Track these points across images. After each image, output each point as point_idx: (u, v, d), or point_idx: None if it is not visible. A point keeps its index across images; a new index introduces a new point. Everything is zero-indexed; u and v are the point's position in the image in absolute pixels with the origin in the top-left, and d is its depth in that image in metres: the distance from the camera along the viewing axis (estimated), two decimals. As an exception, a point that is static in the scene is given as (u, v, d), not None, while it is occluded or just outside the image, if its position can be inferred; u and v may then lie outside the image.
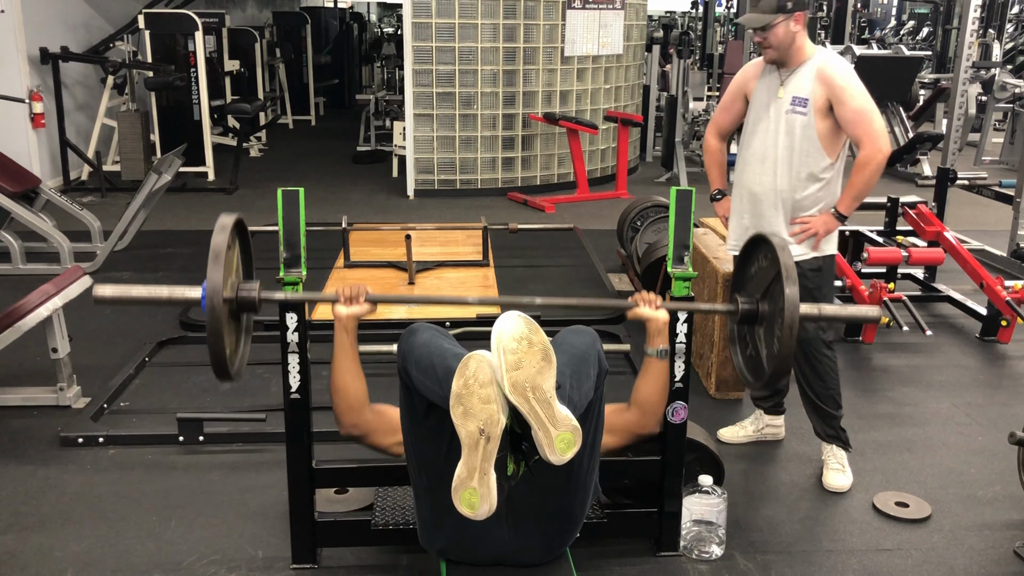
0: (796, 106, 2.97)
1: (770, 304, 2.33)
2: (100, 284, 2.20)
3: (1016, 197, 5.78)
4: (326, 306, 4.54)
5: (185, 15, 8.29)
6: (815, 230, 3.03)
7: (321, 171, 8.95)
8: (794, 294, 2.18)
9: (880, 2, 21.74)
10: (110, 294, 2.22)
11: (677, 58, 9.04)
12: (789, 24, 2.92)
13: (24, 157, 7.09)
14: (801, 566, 2.64)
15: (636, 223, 5.31)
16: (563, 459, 1.94)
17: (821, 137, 2.97)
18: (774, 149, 3.03)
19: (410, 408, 2.17)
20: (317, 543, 2.56)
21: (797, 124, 2.98)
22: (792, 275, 2.20)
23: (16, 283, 4.91)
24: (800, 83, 2.97)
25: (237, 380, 2.28)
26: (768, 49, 2.98)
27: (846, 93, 2.91)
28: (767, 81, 3.07)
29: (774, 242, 2.30)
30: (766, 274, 2.36)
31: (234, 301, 2.20)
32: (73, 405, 3.59)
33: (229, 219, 2.19)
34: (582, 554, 2.52)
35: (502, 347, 1.93)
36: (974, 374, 4.17)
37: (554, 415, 1.92)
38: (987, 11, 11.87)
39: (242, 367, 2.32)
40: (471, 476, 1.92)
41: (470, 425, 1.91)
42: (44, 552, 2.64)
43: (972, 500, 3.03)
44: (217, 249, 2.08)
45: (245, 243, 2.35)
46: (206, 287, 2.06)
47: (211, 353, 2.09)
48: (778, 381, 2.29)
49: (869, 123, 2.91)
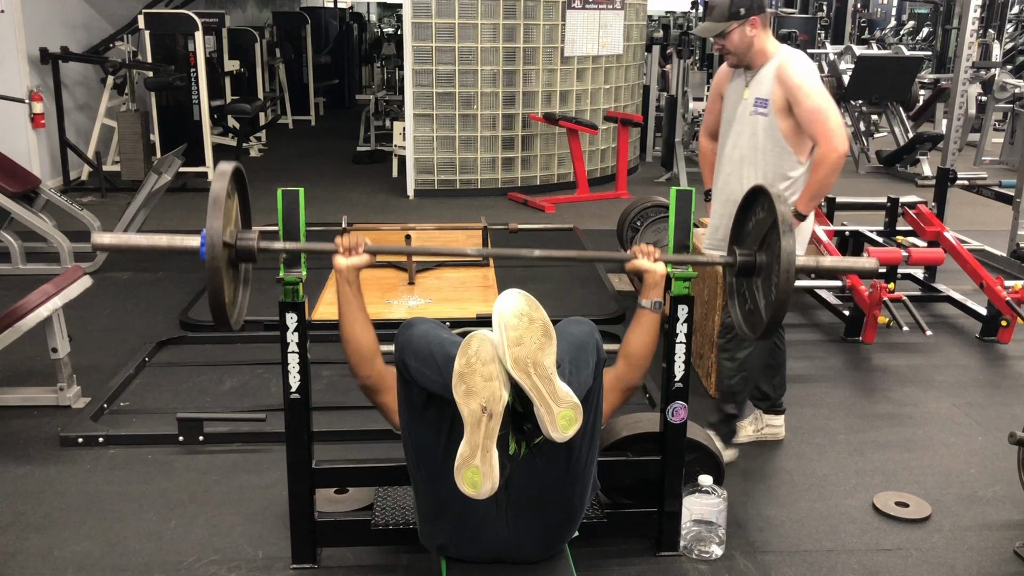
0: (758, 107, 3.04)
1: (767, 254, 2.32)
2: (99, 233, 2.20)
3: (1016, 197, 5.79)
4: (326, 306, 4.57)
5: (185, 15, 8.29)
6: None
7: (321, 171, 8.95)
8: (790, 242, 2.17)
9: (880, 2, 21.74)
10: (109, 241, 2.21)
11: (677, 58, 9.03)
12: (745, 29, 2.99)
13: (24, 157, 7.10)
14: (801, 566, 2.65)
15: (636, 223, 5.31)
16: (565, 436, 1.95)
17: (786, 136, 3.02)
18: (741, 150, 3.11)
19: (408, 400, 2.18)
20: (317, 543, 2.56)
21: (760, 125, 3.05)
22: (788, 224, 2.20)
23: (16, 283, 4.91)
24: (761, 84, 3.04)
25: (236, 328, 2.28)
26: (728, 55, 3.05)
27: (801, 92, 2.95)
28: (736, 83, 3.15)
29: (771, 192, 2.30)
30: (762, 225, 2.36)
31: (233, 249, 2.20)
32: (73, 405, 3.59)
33: (228, 167, 2.19)
34: (582, 554, 2.52)
35: (503, 323, 1.95)
36: (974, 374, 4.17)
37: (555, 391, 1.94)
38: (987, 11, 11.87)
39: (241, 317, 2.32)
40: (473, 454, 1.93)
41: (472, 403, 1.93)
42: (44, 552, 2.64)
43: (972, 500, 3.03)
44: (216, 196, 2.06)
45: (243, 192, 2.35)
46: (205, 235, 2.05)
47: (211, 302, 2.09)
48: (774, 330, 2.30)
49: (824, 121, 2.93)
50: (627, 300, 4.98)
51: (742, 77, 3.11)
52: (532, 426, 2.00)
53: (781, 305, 2.21)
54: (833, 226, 5.18)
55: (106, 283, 5.11)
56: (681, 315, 2.48)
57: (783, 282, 2.18)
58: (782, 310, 2.23)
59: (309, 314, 2.44)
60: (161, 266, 5.56)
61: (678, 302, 2.48)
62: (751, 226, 2.47)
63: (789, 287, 2.18)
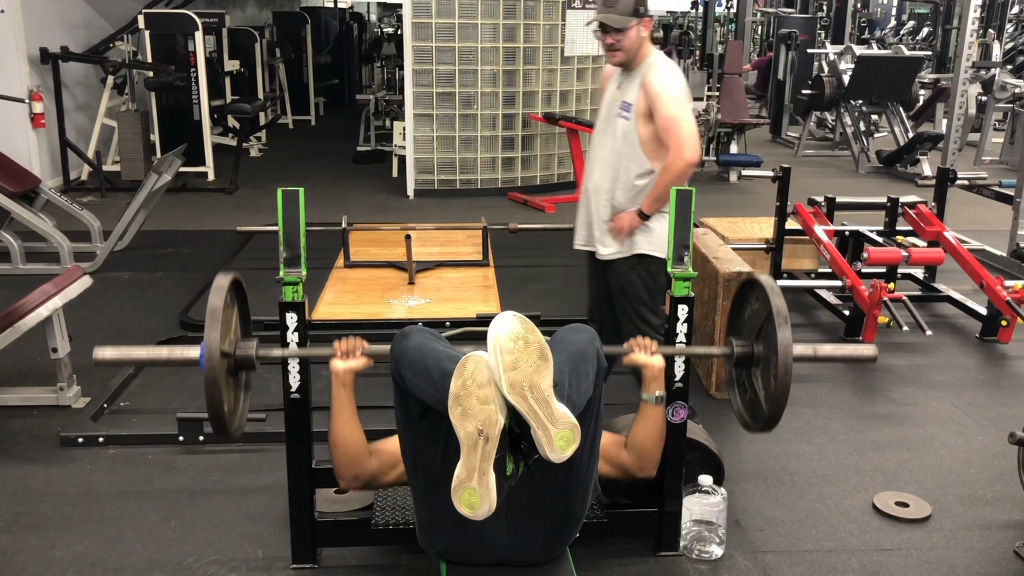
0: (622, 110, 3.09)
1: (764, 346, 2.33)
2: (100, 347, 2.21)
3: (1016, 197, 5.78)
4: (326, 306, 4.57)
5: (185, 15, 8.29)
6: (621, 226, 3.15)
7: (321, 171, 8.95)
8: (786, 335, 2.18)
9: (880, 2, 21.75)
10: (111, 356, 2.23)
11: (677, 58, 9.03)
12: (640, 29, 3.02)
13: (24, 157, 7.09)
14: (801, 566, 2.65)
15: (636, 223, 5.30)
16: (563, 457, 1.94)
17: (643, 143, 3.07)
18: (603, 151, 3.17)
19: (405, 411, 2.17)
20: (317, 543, 2.56)
21: (620, 127, 3.10)
22: (783, 316, 2.21)
23: (16, 283, 4.91)
24: (631, 88, 3.09)
25: (236, 437, 2.29)
26: (618, 52, 3.05)
27: (659, 100, 3.00)
28: (612, 84, 3.21)
29: (764, 284, 2.32)
30: (758, 316, 2.37)
31: (232, 359, 2.22)
32: (73, 405, 3.59)
33: (225, 280, 2.19)
34: (582, 554, 2.52)
35: (498, 347, 1.93)
36: (974, 374, 4.17)
37: (552, 413, 1.93)
38: (987, 11, 11.88)
39: (242, 424, 2.33)
40: (470, 476, 1.92)
41: (468, 426, 1.91)
42: (44, 552, 2.64)
43: (972, 500, 3.03)
44: (214, 309, 2.09)
45: (243, 302, 2.36)
46: (203, 347, 2.08)
47: (210, 412, 2.11)
48: (775, 422, 2.30)
49: (677, 130, 2.99)
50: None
51: (617, 78, 3.17)
52: (529, 445, 1.99)
53: (781, 397, 2.22)
54: (833, 226, 5.17)
55: (106, 283, 5.10)
56: (681, 315, 2.48)
57: (782, 375, 2.19)
58: (783, 402, 2.23)
59: (309, 314, 2.44)
60: (161, 266, 5.56)
61: (678, 302, 2.48)
62: (747, 316, 2.47)
63: (788, 380, 2.19)
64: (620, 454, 2.47)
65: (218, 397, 2.08)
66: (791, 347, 2.18)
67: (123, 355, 2.29)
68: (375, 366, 2.39)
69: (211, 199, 7.63)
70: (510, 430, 1.98)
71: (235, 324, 2.30)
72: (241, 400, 2.37)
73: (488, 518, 2.02)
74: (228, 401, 2.19)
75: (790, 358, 2.18)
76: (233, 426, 2.23)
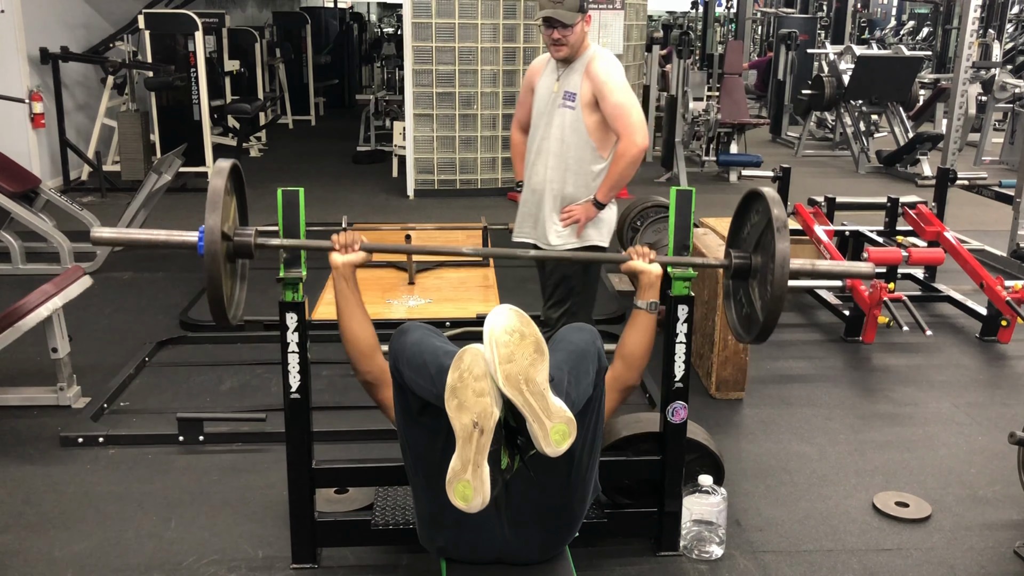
0: (567, 100, 3.11)
1: (762, 256, 2.33)
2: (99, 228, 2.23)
3: (1016, 197, 5.78)
4: (326, 306, 4.57)
5: (185, 15, 8.29)
6: (576, 217, 3.17)
7: (321, 171, 8.95)
8: (785, 244, 2.18)
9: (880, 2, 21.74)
10: (108, 235, 2.24)
11: (677, 58, 9.03)
12: (583, 24, 3.07)
13: (24, 157, 7.09)
14: (801, 566, 2.64)
15: (636, 223, 5.30)
16: (558, 451, 1.94)
17: (591, 132, 3.10)
18: (547, 142, 3.17)
19: (404, 406, 2.17)
20: (317, 543, 2.56)
21: (567, 118, 3.11)
22: (783, 226, 2.21)
23: (16, 283, 4.91)
24: (572, 78, 3.11)
25: (234, 323, 2.31)
26: (563, 47, 3.07)
27: (607, 88, 3.04)
28: (547, 76, 3.21)
29: (766, 195, 2.31)
30: (757, 228, 2.37)
31: (230, 244, 2.22)
32: (73, 405, 3.59)
33: (226, 163, 2.22)
34: (582, 554, 2.52)
35: (494, 340, 1.94)
36: (974, 374, 4.17)
37: (548, 407, 1.93)
38: (987, 11, 11.87)
39: (239, 312, 2.35)
40: (464, 469, 1.93)
41: (464, 417, 1.92)
42: (44, 552, 2.64)
43: (972, 500, 3.03)
44: (214, 193, 2.09)
45: (241, 190, 2.38)
46: (203, 231, 2.08)
47: (210, 297, 2.12)
48: (769, 332, 2.31)
49: (627, 116, 3.04)
50: (627, 300, 4.99)
51: (554, 71, 3.17)
52: (525, 440, 1.99)
53: (776, 305, 2.22)
54: (833, 226, 5.18)
55: (106, 283, 5.11)
56: (681, 315, 2.48)
57: (778, 282, 2.19)
58: (777, 310, 2.24)
59: (309, 314, 2.45)
60: (161, 266, 5.56)
61: (678, 302, 2.48)
62: (747, 230, 2.47)
63: (784, 287, 2.19)
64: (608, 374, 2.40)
65: (218, 281, 2.08)
66: (788, 254, 2.18)
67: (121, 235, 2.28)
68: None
69: (211, 199, 7.62)
70: (506, 424, 1.99)
71: (233, 211, 2.30)
72: (238, 289, 2.38)
73: (488, 516, 2.01)
74: (227, 287, 2.19)
75: (787, 264, 2.18)
76: (231, 313, 2.24)
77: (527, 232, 3.35)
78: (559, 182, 3.18)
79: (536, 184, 3.25)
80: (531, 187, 3.28)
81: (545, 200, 3.22)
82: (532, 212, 3.30)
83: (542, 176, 3.21)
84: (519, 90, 7.65)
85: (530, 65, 3.36)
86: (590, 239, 3.24)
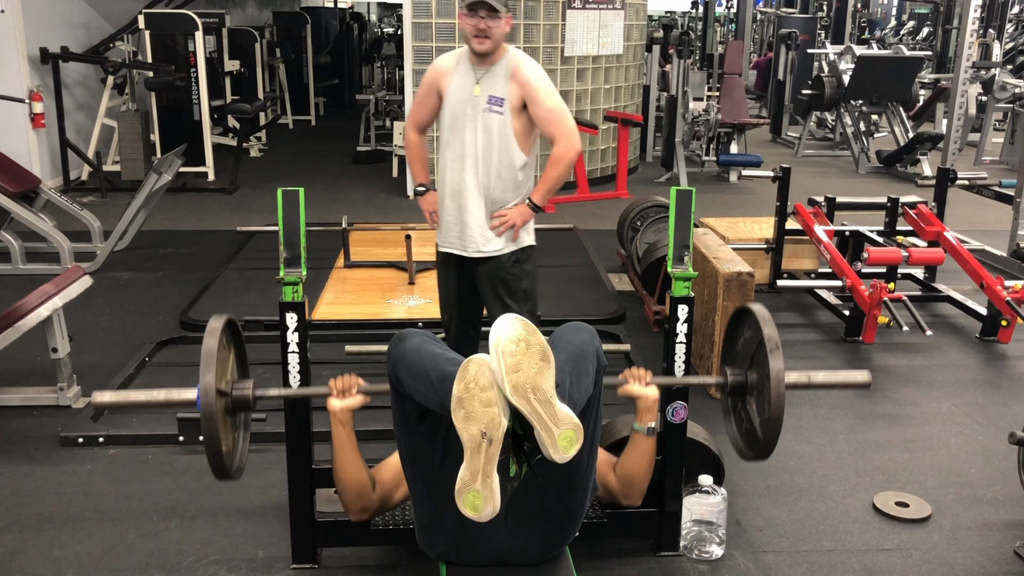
0: (493, 105, 3.06)
1: (757, 373, 2.33)
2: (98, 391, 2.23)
3: (1016, 197, 5.79)
4: (326, 306, 4.57)
5: (185, 15, 8.29)
6: (512, 221, 3.14)
7: (321, 171, 8.95)
8: (778, 363, 2.19)
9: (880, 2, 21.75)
10: (109, 400, 2.25)
11: (677, 58, 9.03)
12: (506, 22, 3.09)
13: (24, 157, 7.09)
14: (801, 566, 2.65)
15: (636, 223, 5.31)
16: (566, 457, 1.94)
17: (517, 135, 3.08)
18: (474, 147, 3.10)
19: (402, 414, 2.17)
20: (317, 543, 2.56)
21: (495, 123, 3.07)
22: (775, 344, 2.22)
23: (16, 283, 4.91)
24: (495, 82, 3.07)
25: (237, 478, 2.28)
26: (487, 40, 3.05)
27: (539, 92, 3.04)
28: (462, 78, 3.12)
29: (756, 313, 2.32)
30: (750, 345, 2.37)
31: (229, 400, 2.21)
32: (73, 405, 3.59)
33: (219, 322, 2.19)
34: (582, 554, 2.52)
35: (500, 350, 1.93)
36: (974, 374, 4.17)
37: (555, 414, 1.93)
38: (987, 11, 11.87)
39: (242, 464, 2.32)
40: (474, 479, 1.92)
41: (472, 428, 1.91)
42: (44, 552, 2.64)
43: (972, 500, 3.03)
44: (208, 352, 2.09)
45: (238, 342, 2.35)
46: (199, 388, 2.07)
47: (208, 455, 2.09)
48: (771, 450, 2.32)
49: (562, 121, 3.06)
50: (627, 300, 4.99)
51: (469, 72, 3.10)
52: (532, 446, 1.99)
53: (775, 424, 2.23)
54: (833, 226, 5.17)
55: (106, 283, 5.11)
56: (681, 315, 2.48)
57: (775, 402, 2.19)
58: (777, 429, 2.24)
59: (309, 314, 2.44)
60: (161, 266, 5.56)
61: (678, 302, 2.48)
62: (740, 345, 2.47)
63: (781, 407, 2.20)
64: (609, 476, 2.46)
65: (216, 437, 2.07)
66: (783, 375, 2.19)
67: (121, 399, 2.31)
68: (379, 367, 2.39)
69: (211, 199, 7.62)
70: (513, 431, 1.98)
71: (231, 365, 2.29)
72: (240, 440, 2.35)
73: (488, 521, 2.01)
74: (227, 442, 2.17)
75: (783, 385, 2.19)
76: (233, 467, 2.22)
77: (452, 241, 3.21)
78: (485, 188, 3.11)
79: (462, 188, 3.13)
80: (454, 192, 3.15)
81: (475, 206, 3.12)
82: (457, 219, 3.16)
83: (471, 182, 3.11)
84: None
85: (434, 66, 3.23)
86: (523, 241, 3.20)
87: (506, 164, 3.09)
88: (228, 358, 2.26)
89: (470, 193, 3.12)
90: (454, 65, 3.14)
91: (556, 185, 3.17)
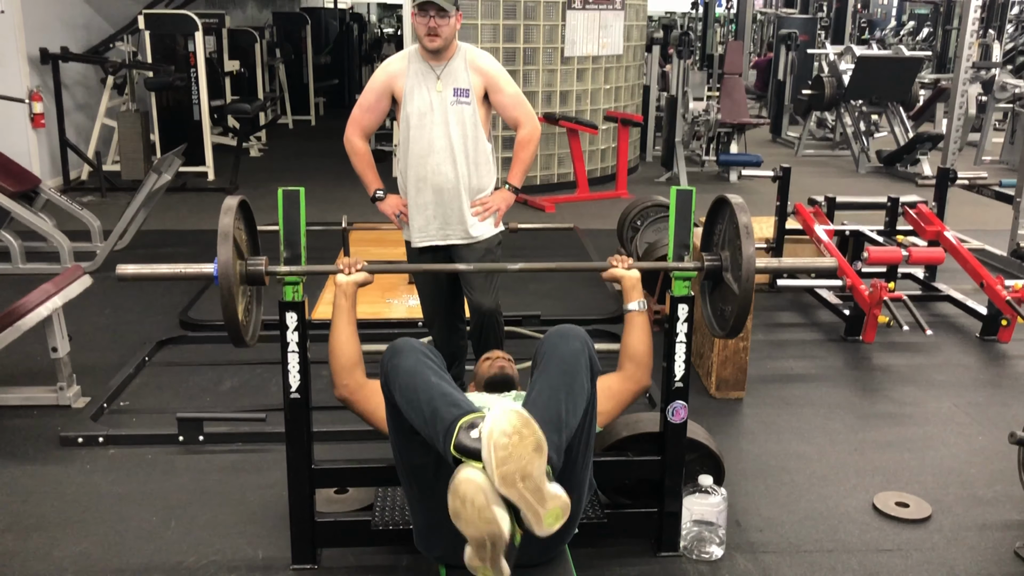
0: (460, 97, 3.18)
1: (731, 259, 2.46)
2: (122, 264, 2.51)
3: (1016, 197, 5.78)
4: (326, 306, 4.57)
5: (185, 15, 8.29)
6: (496, 207, 3.30)
7: (321, 171, 8.94)
8: (750, 248, 2.33)
9: (880, 2, 21.75)
10: (132, 272, 2.50)
11: (677, 58, 9.03)
12: (456, 20, 3.20)
13: (24, 157, 7.10)
14: (801, 566, 2.64)
15: (636, 223, 5.31)
16: (550, 532, 1.94)
17: (483, 123, 3.23)
18: (447, 140, 3.19)
19: (397, 424, 2.18)
20: (317, 543, 2.56)
21: (466, 113, 3.19)
22: (749, 231, 2.35)
23: (16, 283, 4.91)
24: (456, 75, 3.19)
25: (252, 344, 2.45)
26: (437, 38, 3.13)
27: (500, 80, 3.26)
28: (419, 77, 3.20)
29: (732, 203, 2.41)
30: (725, 233, 2.51)
31: (244, 275, 2.38)
32: (73, 405, 3.59)
33: (233, 200, 2.37)
34: (582, 554, 2.52)
35: (493, 443, 1.90)
36: (974, 374, 4.17)
37: (543, 497, 1.92)
38: (987, 11, 11.88)
39: (255, 334, 2.51)
40: (483, 563, 1.94)
41: (475, 535, 1.92)
42: (44, 552, 2.64)
43: (972, 500, 3.03)
44: (225, 229, 2.28)
45: (250, 222, 2.51)
46: (217, 263, 2.25)
47: (227, 324, 2.27)
48: (740, 328, 2.47)
49: (524, 104, 3.32)
50: (627, 300, 4.98)
51: (428, 71, 3.18)
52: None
53: (745, 304, 2.37)
54: (833, 226, 5.17)
55: (106, 283, 5.10)
56: (681, 315, 2.48)
57: (745, 283, 2.34)
58: (746, 309, 2.40)
59: (309, 314, 2.45)
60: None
61: (678, 302, 2.48)
62: (716, 235, 2.60)
63: (751, 288, 2.34)
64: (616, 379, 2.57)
65: (233, 307, 2.25)
66: (754, 259, 2.34)
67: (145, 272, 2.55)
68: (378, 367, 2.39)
69: (211, 199, 7.61)
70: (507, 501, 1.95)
71: (245, 241, 2.45)
72: (253, 311, 2.55)
73: None
74: (242, 312, 2.36)
75: (752, 267, 2.32)
76: (248, 335, 2.41)
77: (433, 234, 3.26)
78: (466, 178, 3.22)
79: (442, 182, 3.20)
80: (434, 188, 3.21)
81: (458, 197, 3.22)
82: (440, 213, 3.23)
83: (452, 174, 3.19)
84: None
85: (384, 70, 3.26)
86: (500, 225, 3.39)
87: (481, 151, 3.24)
88: (242, 235, 2.42)
89: (451, 184, 3.22)
90: (406, 66, 3.22)
91: (529, 166, 3.36)
